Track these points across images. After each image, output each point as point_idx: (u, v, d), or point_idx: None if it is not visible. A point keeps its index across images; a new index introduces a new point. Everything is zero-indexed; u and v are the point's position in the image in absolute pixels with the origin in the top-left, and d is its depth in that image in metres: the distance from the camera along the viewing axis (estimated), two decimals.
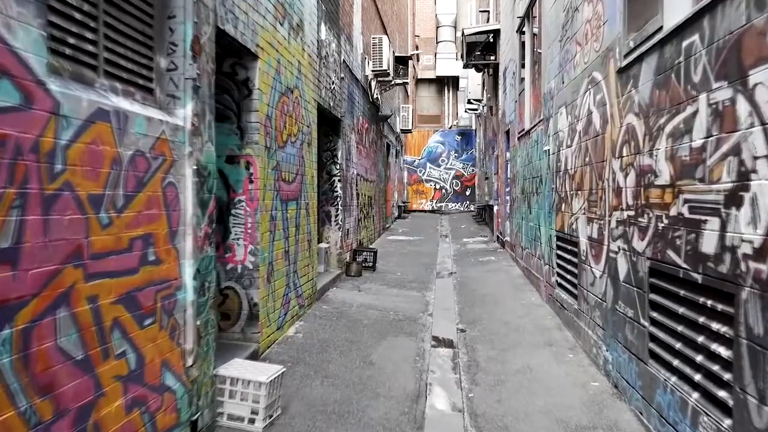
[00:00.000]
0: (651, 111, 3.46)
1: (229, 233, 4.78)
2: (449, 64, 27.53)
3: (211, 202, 3.41)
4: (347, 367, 4.75)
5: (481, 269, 9.76)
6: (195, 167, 3.14)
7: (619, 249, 4.07)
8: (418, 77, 28.24)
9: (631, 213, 3.81)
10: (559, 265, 6.22)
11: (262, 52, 4.83)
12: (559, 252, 6.18)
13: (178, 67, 3.06)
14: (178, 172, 3.01)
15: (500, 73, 12.50)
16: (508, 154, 11.59)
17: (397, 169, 20.48)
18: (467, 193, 26.57)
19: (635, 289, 3.74)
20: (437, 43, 28.28)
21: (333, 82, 7.94)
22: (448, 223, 20.16)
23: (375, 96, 12.26)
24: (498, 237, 13.21)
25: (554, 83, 6.46)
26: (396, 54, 13.39)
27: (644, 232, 3.57)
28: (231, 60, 4.73)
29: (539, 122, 7.51)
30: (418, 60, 27.07)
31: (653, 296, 3.46)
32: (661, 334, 3.33)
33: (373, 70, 11.39)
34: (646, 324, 3.53)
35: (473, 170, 25.89)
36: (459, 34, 21.32)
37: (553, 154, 6.51)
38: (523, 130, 8.96)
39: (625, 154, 3.96)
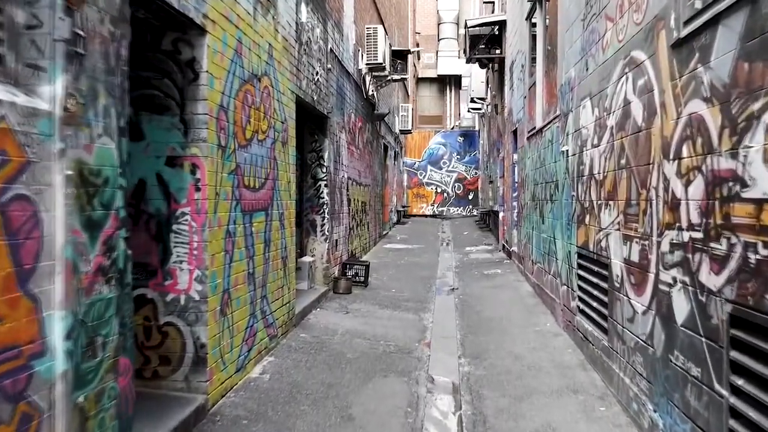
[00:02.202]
0: (734, 93, 2.44)
1: (169, 255, 3.77)
2: (451, 62, 26.49)
3: (108, 220, 2.40)
4: (320, 425, 3.72)
5: (486, 284, 8.73)
6: (72, 172, 2.13)
7: (676, 281, 3.05)
8: (419, 76, 27.22)
9: (698, 235, 2.79)
10: (581, 288, 5.19)
11: (213, 26, 3.82)
12: (582, 273, 5.16)
13: (42, 24, 2.05)
14: (38, 179, 2.00)
15: (506, 68, 11.49)
16: (515, 156, 10.57)
17: (396, 172, 19.47)
18: (470, 197, 25.52)
19: (704, 340, 2.72)
20: (439, 40, 27.23)
21: (317, 73, 6.94)
22: (450, 229, 19.13)
23: (370, 93, 11.26)
24: (504, 246, 12.18)
25: (575, 72, 5.44)
26: (393, 47, 12.39)
27: (721, 263, 2.55)
28: (173, 35, 3.73)
29: (554, 119, 6.50)
30: (419, 58, 26.07)
31: (737, 355, 2.44)
32: (753, 414, 2.31)
33: (367, 64, 10.38)
34: (725, 393, 2.51)
35: (476, 173, 24.85)
36: (462, 30, 20.32)
37: (574, 155, 5.49)
38: (534, 128, 7.94)
39: (685, 154, 2.94)
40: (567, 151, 5.78)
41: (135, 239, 3.74)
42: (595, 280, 4.74)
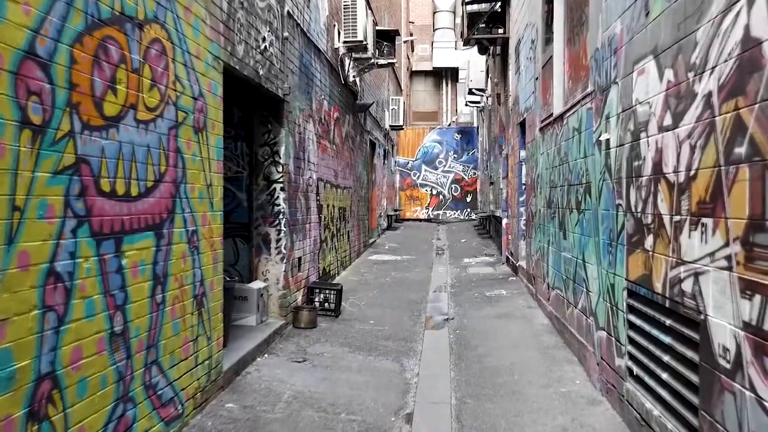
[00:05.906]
0: None
1: None
2: (448, 54, 24.71)
3: None
4: None
5: (488, 313, 6.99)
6: None
7: None
8: (413, 69, 25.47)
9: None
10: (635, 344, 3.48)
11: None
12: (638, 321, 3.44)
13: None
14: None
15: (511, 50, 9.78)
16: (522, 153, 8.86)
17: (385, 172, 17.71)
18: (468, 199, 23.76)
19: None
20: (434, 30, 25.47)
21: (265, 40, 5.21)
22: (446, 235, 17.39)
23: (350, 78, 9.54)
24: (508, 258, 10.46)
25: (621, 24, 3.73)
26: (379, 28, 10.67)
27: None
28: None
29: (584, 98, 4.78)
30: (412, 50, 24.33)
31: None
32: None
33: (345, 42, 8.66)
34: None
35: (475, 173, 23.10)
36: (458, 20, 18.58)
37: (621, 145, 3.78)
38: (551, 115, 6.23)
39: None
40: (608, 140, 4.07)
41: None
42: (666, 340, 3.02)
